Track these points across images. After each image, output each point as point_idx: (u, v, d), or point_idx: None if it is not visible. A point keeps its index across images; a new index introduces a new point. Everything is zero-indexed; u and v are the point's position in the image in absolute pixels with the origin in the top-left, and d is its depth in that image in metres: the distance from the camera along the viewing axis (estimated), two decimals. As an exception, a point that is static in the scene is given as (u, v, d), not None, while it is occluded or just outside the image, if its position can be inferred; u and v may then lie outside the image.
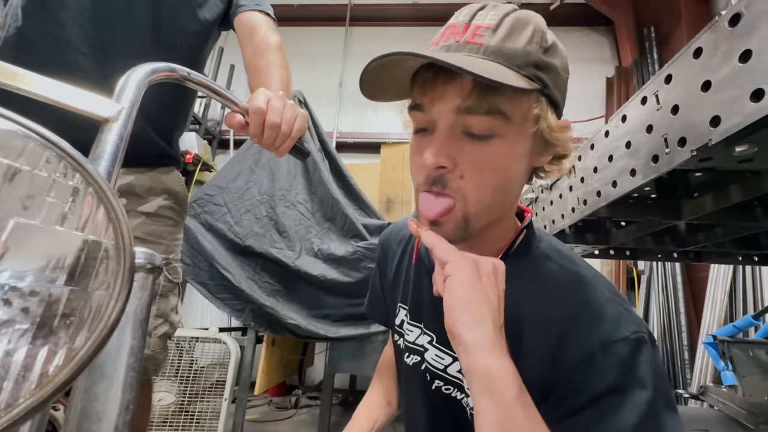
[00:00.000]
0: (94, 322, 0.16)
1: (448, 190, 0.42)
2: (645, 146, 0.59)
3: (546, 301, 0.45)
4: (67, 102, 0.33)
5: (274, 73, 0.77)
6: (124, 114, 0.36)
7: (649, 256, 1.25)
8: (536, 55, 0.42)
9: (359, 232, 1.86)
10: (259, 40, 0.84)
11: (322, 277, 1.77)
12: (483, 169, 0.42)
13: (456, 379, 0.52)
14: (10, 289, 0.15)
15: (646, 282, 2.55)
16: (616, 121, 0.68)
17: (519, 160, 0.44)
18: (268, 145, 0.60)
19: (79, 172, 0.18)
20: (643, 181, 0.60)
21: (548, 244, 0.50)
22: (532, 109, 0.42)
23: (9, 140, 0.17)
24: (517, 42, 0.41)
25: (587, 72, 3.52)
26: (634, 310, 0.43)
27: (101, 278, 0.17)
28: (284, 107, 0.60)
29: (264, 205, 1.92)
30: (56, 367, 0.15)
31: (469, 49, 0.41)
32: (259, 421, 2.32)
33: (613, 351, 0.39)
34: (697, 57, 0.48)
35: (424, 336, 0.56)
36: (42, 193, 0.17)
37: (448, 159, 0.41)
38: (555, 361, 0.42)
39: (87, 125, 0.34)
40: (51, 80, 0.33)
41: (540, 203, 1.08)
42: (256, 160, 2.00)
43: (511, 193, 0.46)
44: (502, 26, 0.42)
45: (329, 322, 1.80)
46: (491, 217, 0.45)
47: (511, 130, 0.42)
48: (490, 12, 0.43)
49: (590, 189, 0.77)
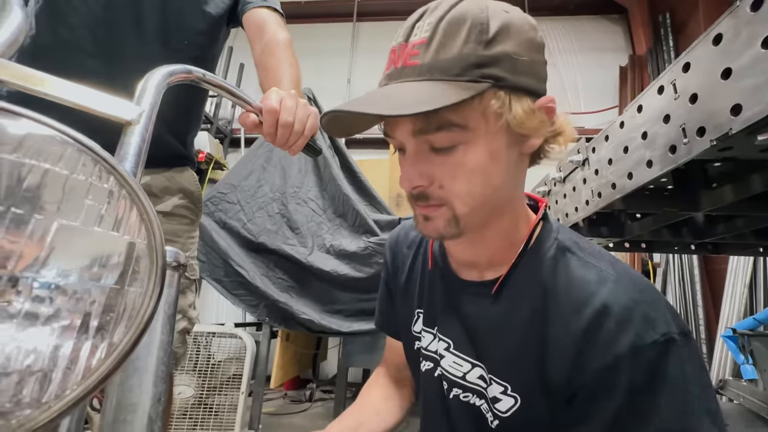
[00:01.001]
0: (131, 318, 0.17)
1: (432, 201, 0.44)
2: (662, 137, 0.58)
3: (568, 298, 0.43)
4: (90, 105, 0.34)
5: (285, 71, 0.78)
6: (145, 116, 0.37)
7: (665, 249, 1.23)
8: (476, 54, 0.40)
9: (370, 228, 1.87)
10: (268, 37, 0.84)
11: (334, 272, 1.79)
12: (457, 176, 0.42)
13: (475, 386, 0.50)
14: (55, 287, 0.16)
15: (662, 275, 2.50)
16: (632, 111, 0.67)
17: (496, 157, 0.43)
18: (282, 143, 0.60)
19: (113, 174, 0.19)
20: (661, 173, 0.59)
21: (567, 237, 0.49)
22: (489, 107, 0.40)
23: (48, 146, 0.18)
24: (451, 49, 0.40)
25: (600, 61, 3.44)
26: (663, 306, 0.41)
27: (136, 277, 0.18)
28: (297, 106, 0.60)
29: (276, 203, 1.94)
30: (99, 360, 0.16)
31: (407, 74, 0.41)
32: (275, 414, 2.37)
33: (642, 355, 0.38)
34: (716, 44, 0.47)
35: (440, 342, 0.55)
36: (80, 196, 0.18)
37: (421, 177, 0.43)
38: (579, 365, 0.41)
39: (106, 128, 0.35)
40: (74, 84, 0.34)
41: (553, 196, 1.07)
42: (268, 158, 2.02)
43: (503, 187, 0.45)
44: (436, 36, 0.40)
45: (342, 317, 1.82)
46: (486, 212, 0.45)
47: (473, 135, 0.41)
48: (426, 21, 0.42)
49: (605, 181, 0.76)
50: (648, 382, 0.38)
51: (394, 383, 0.68)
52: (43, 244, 0.16)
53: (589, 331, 0.41)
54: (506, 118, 0.41)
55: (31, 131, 0.17)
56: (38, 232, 0.16)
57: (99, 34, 0.77)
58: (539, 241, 0.48)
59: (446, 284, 0.54)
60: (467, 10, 0.41)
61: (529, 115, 0.41)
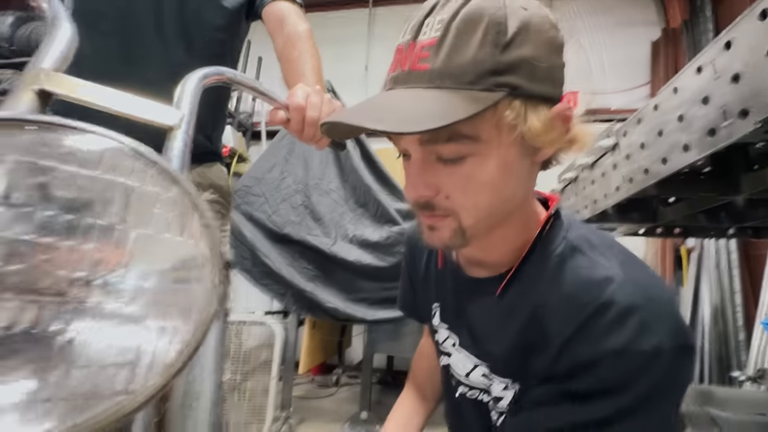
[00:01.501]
0: (199, 314, 0.18)
1: (438, 211, 0.42)
2: (700, 119, 0.56)
3: (571, 297, 0.41)
4: (135, 113, 0.36)
5: (307, 63, 0.78)
6: (186, 120, 0.38)
7: (701, 234, 1.18)
8: (492, 59, 0.37)
9: (392, 218, 1.88)
10: (288, 30, 0.84)
11: (357, 262, 1.82)
12: (466, 189, 0.40)
13: (479, 384, 0.51)
14: (136, 289, 0.18)
15: (696, 260, 2.41)
16: (667, 93, 0.64)
17: (507, 169, 0.40)
18: (309, 139, 0.62)
19: (176, 185, 0.21)
20: (698, 157, 0.57)
21: (579, 234, 0.45)
22: (503, 119, 0.38)
23: (120, 160, 0.19)
24: (466, 53, 0.37)
25: (630, 36, 3.26)
26: (666, 316, 0.38)
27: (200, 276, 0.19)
28: (322, 102, 0.61)
29: (299, 194, 1.98)
30: (177, 353, 0.18)
31: (415, 79, 0.38)
32: (304, 397, 2.46)
33: (625, 360, 0.37)
34: (763, 19, 0.45)
35: (451, 339, 0.55)
36: (150, 205, 0.19)
37: (426, 188, 0.41)
38: (563, 353, 0.40)
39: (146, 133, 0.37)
40: (119, 92, 0.36)
41: (580, 183, 1.04)
42: (290, 151, 2.05)
43: (512, 197, 0.43)
44: (448, 37, 0.37)
45: (366, 305, 1.85)
46: (493, 222, 0.43)
47: (484, 148, 0.39)
48: (437, 17, 0.38)
49: (637, 166, 0.74)
50: (618, 389, 0.37)
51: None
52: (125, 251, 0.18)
53: (584, 324, 0.39)
54: (521, 129, 0.38)
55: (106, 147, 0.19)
56: (120, 241, 0.18)
57: (125, 40, 0.79)
58: (548, 240, 0.46)
59: (455, 281, 0.54)
60: (483, 7, 0.37)
61: (545, 126, 0.39)
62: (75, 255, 0.17)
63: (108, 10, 0.78)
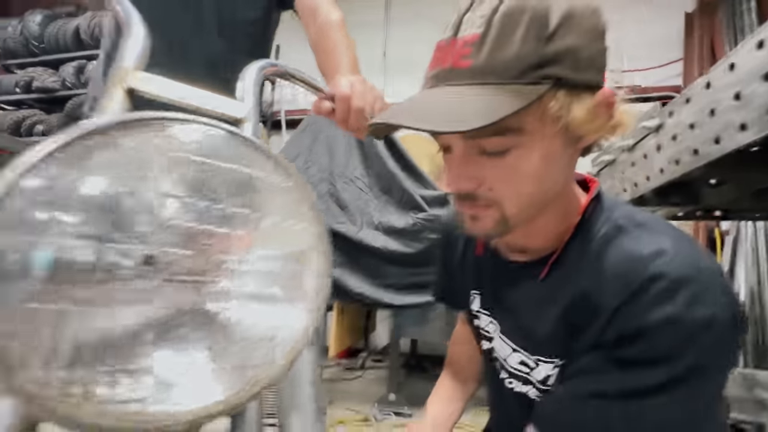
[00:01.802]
0: (316, 294, 0.20)
1: (480, 201, 0.43)
2: (760, 97, 0.54)
3: (618, 272, 0.41)
4: (208, 107, 0.38)
5: (342, 54, 0.79)
6: (253, 112, 0.40)
7: (743, 216, 1.14)
8: (536, 53, 0.37)
9: (417, 204, 1.89)
10: (321, 19, 0.85)
11: (383, 248, 1.84)
12: (509, 180, 0.41)
13: (518, 372, 0.51)
14: (271, 272, 0.20)
15: (731, 243, 2.32)
16: (721, 70, 0.62)
17: (551, 159, 0.41)
18: (353, 129, 0.62)
19: (291, 175, 0.22)
20: (757, 137, 0.55)
21: (623, 214, 0.45)
22: (547, 110, 0.38)
23: (249, 151, 0.21)
24: (508, 48, 0.37)
25: (661, 8, 3.09)
26: (719, 289, 0.38)
27: (314, 260, 0.21)
28: (366, 90, 0.62)
29: (324, 183, 2.00)
30: (304, 329, 0.20)
31: (458, 76, 0.38)
32: (331, 380, 2.54)
33: (678, 328, 0.36)
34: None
35: (492, 324, 0.56)
36: (275, 194, 0.21)
37: (469, 180, 0.42)
38: (613, 321, 0.40)
39: None
40: (190, 87, 0.38)
41: (619, 165, 1.02)
42: (314, 139, 2.07)
43: (554, 186, 0.43)
44: (490, 32, 0.37)
45: (393, 291, 1.88)
46: (536, 210, 0.44)
47: (528, 139, 0.39)
48: (478, 13, 0.38)
49: (684, 147, 0.72)
50: (668, 357, 0.37)
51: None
52: (259, 236, 0.20)
53: (634, 294, 0.39)
54: (565, 120, 0.38)
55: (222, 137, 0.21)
56: (255, 227, 0.19)
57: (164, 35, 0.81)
58: (591, 222, 0.46)
59: (496, 268, 0.55)
60: (526, 1, 0.37)
61: (589, 115, 0.39)
62: (226, 241, 0.19)
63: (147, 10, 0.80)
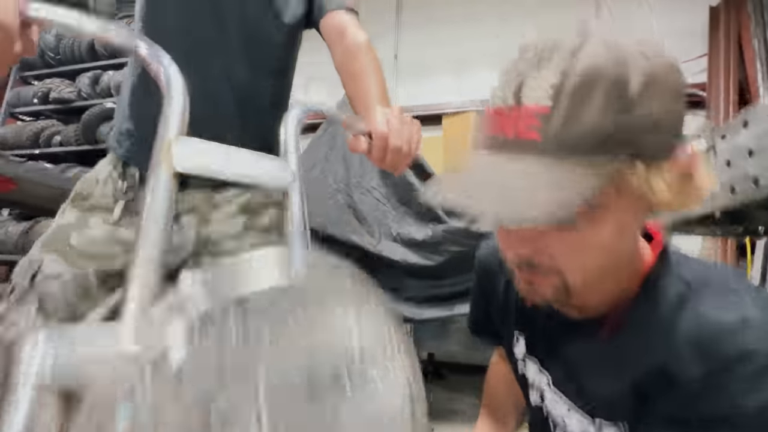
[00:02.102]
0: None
1: (539, 269, 0.39)
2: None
3: (700, 344, 0.37)
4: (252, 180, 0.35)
5: (371, 78, 0.76)
6: (297, 176, 0.38)
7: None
8: (615, 124, 0.33)
9: (437, 215, 1.85)
10: (348, 41, 0.83)
11: (403, 261, 1.81)
12: (575, 252, 0.38)
13: (577, 428, 0.47)
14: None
15: (763, 248, 2.23)
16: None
17: (623, 231, 0.38)
18: (390, 167, 0.60)
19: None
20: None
21: (691, 269, 0.42)
22: (624, 184, 0.35)
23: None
24: (584, 120, 0.33)
25: (684, 1, 2.99)
26: None
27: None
28: (402, 127, 0.59)
29: (341, 193, 1.97)
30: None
31: (524, 148, 0.35)
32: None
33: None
34: None
35: (542, 375, 0.52)
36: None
37: (528, 248, 0.38)
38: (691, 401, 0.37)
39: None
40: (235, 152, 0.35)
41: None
42: (330, 148, 2.04)
43: (624, 255, 0.40)
44: (562, 101, 0.33)
45: (413, 304, 1.85)
46: (601, 279, 0.40)
47: (600, 213, 0.36)
48: (546, 79, 0.34)
49: (741, 174, 0.67)
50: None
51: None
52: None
53: (723, 373, 0.35)
54: (644, 192, 0.35)
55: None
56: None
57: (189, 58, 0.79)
58: (658, 279, 0.42)
59: (547, 318, 0.51)
60: (600, 65, 0.33)
61: (671, 188, 0.35)
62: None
63: (172, 29, 0.78)
